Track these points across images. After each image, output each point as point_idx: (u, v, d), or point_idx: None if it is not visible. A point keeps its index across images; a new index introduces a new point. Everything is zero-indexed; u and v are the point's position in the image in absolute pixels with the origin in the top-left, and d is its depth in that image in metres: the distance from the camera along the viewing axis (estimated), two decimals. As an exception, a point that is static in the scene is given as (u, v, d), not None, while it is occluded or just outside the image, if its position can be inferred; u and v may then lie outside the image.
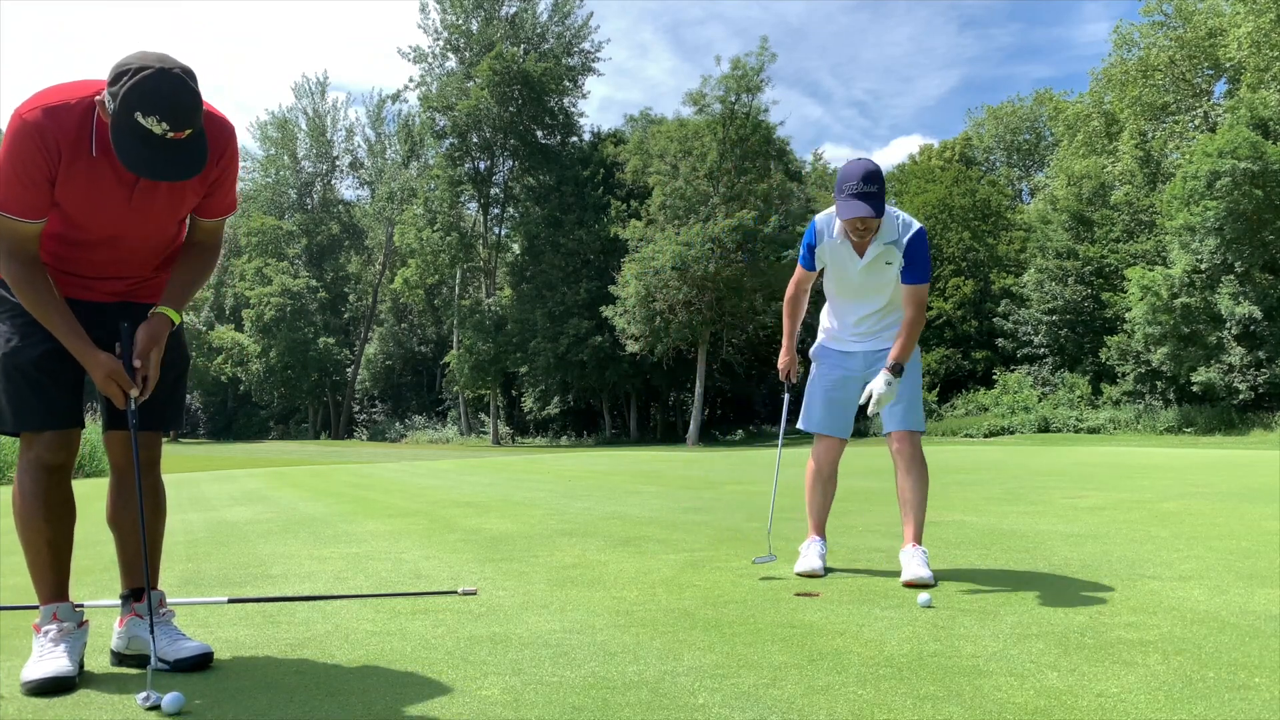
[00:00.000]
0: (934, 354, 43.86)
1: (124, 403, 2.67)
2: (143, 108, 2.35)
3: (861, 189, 3.93)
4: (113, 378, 2.63)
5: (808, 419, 4.46)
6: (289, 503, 9.21)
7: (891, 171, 55.87)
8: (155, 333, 2.70)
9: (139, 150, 2.41)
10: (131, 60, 2.41)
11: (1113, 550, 4.66)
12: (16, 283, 2.59)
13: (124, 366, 2.66)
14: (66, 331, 2.61)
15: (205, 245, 2.89)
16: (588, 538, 5.58)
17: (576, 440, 47.74)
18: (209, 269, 2.90)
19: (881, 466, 13.67)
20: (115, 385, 2.64)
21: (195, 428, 75.84)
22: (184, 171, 2.47)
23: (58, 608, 2.72)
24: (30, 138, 2.47)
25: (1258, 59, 31.36)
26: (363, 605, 3.66)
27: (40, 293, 2.59)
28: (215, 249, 2.92)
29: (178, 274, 2.83)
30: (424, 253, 50.06)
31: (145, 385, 2.68)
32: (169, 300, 2.77)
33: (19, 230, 2.55)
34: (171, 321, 2.75)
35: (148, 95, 2.35)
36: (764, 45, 39.94)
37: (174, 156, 2.43)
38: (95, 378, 2.65)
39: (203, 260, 2.88)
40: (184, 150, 2.44)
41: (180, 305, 2.78)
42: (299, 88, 71.43)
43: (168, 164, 2.44)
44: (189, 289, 2.83)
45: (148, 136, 2.38)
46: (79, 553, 3.07)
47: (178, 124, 2.39)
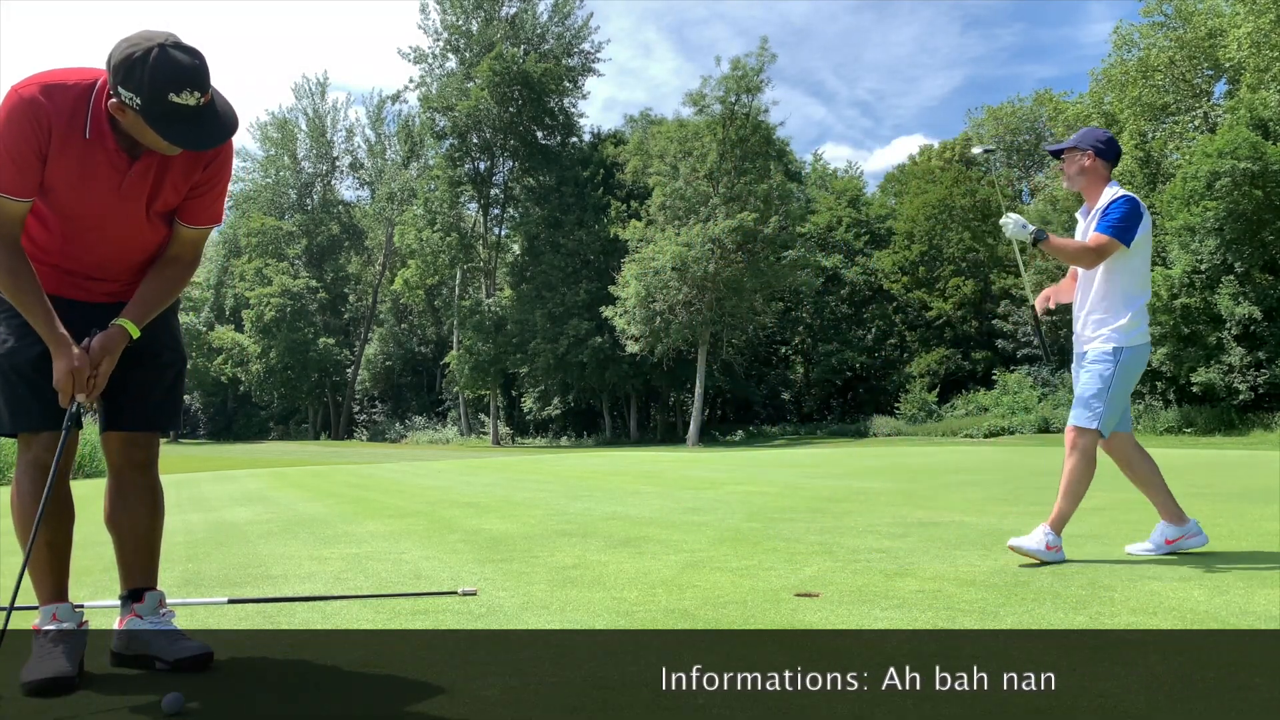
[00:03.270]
0: (934, 354, 43.87)
1: (68, 400, 2.61)
2: (174, 87, 2.37)
3: None
4: (72, 374, 2.58)
5: (1111, 423, 4.44)
6: (289, 503, 9.21)
7: (891, 172, 55.96)
8: (109, 344, 2.64)
9: (180, 128, 2.43)
10: (128, 50, 2.39)
11: (1113, 550, 4.66)
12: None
13: None
14: (43, 320, 2.58)
15: (181, 259, 2.83)
16: (588, 538, 5.58)
17: (576, 441, 47.74)
18: (179, 284, 2.84)
19: (881, 466, 13.69)
20: (70, 382, 2.58)
21: (195, 428, 75.85)
22: (226, 128, 2.51)
23: (57, 608, 2.72)
24: (24, 113, 2.46)
25: (1258, 59, 31.34)
26: (363, 605, 3.66)
27: (20, 278, 2.57)
28: (191, 264, 2.87)
29: (146, 286, 2.77)
30: (424, 253, 50.07)
31: (91, 391, 2.63)
32: (131, 313, 2.71)
33: (7, 209, 2.53)
34: (129, 335, 2.68)
35: (171, 73, 2.37)
36: (764, 45, 39.94)
37: (212, 119, 2.47)
38: (57, 369, 2.58)
39: (175, 273, 2.82)
40: (213, 113, 2.48)
41: (142, 320, 2.72)
42: (299, 88, 71.54)
43: (207, 131, 2.47)
44: (155, 303, 2.77)
45: (186, 111, 2.40)
46: (79, 553, 3.07)
47: (203, 87, 2.42)
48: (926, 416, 39.98)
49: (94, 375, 2.62)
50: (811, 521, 6.18)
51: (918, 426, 38.90)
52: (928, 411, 40.35)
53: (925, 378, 42.72)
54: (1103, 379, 4.36)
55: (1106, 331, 4.41)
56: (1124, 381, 4.37)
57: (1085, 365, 4.47)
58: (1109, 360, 4.37)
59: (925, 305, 45.54)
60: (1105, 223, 4.37)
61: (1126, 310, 4.39)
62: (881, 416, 42.19)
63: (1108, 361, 4.37)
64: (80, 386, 2.60)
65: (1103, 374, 4.36)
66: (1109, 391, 4.34)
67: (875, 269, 47.57)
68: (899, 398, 42.10)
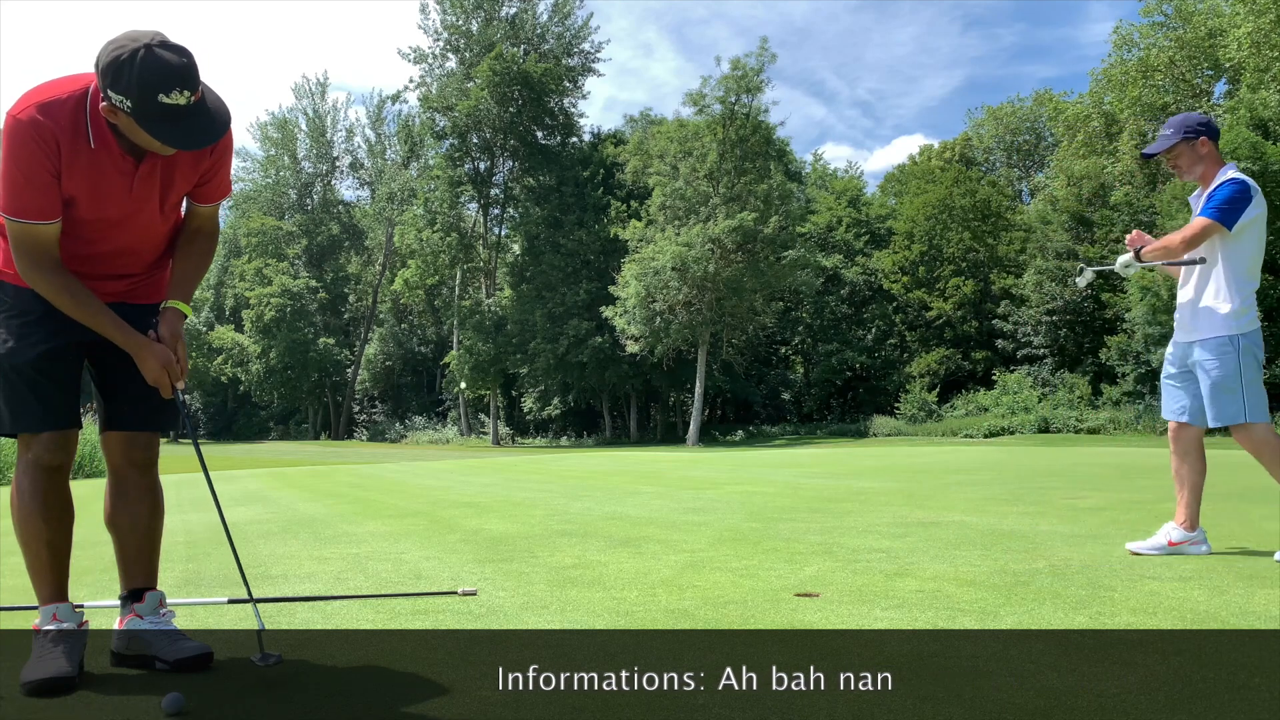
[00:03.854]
0: (934, 354, 43.86)
1: (170, 392, 2.72)
2: (163, 87, 2.36)
3: None
4: (167, 368, 2.67)
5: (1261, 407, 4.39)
6: (289, 503, 9.21)
7: (891, 172, 55.96)
8: (175, 328, 2.74)
9: (174, 128, 2.42)
10: (113, 53, 2.38)
11: (1113, 550, 4.66)
12: (55, 292, 2.59)
13: None
14: (115, 328, 2.64)
15: (204, 231, 2.90)
16: (588, 538, 5.57)
17: (576, 441, 47.76)
18: (209, 255, 2.93)
19: (881, 466, 13.70)
20: (166, 375, 2.68)
21: (195, 428, 75.76)
22: (218, 126, 2.49)
23: (57, 608, 2.71)
24: (29, 136, 2.45)
25: (1257, 59, 31.34)
26: (363, 605, 3.66)
27: (80, 297, 2.61)
28: (213, 235, 2.95)
29: (180, 264, 2.84)
30: (424, 253, 50.08)
31: (183, 375, 2.75)
32: (177, 293, 2.79)
33: (40, 235, 2.54)
34: (184, 315, 2.78)
35: (160, 74, 2.36)
36: (764, 46, 40.00)
37: (204, 117, 2.46)
38: (149, 368, 2.66)
39: (204, 246, 2.90)
40: (204, 110, 2.46)
41: (188, 296, 2.81)
42: (299, 88, 71.61)
43: (201, 128, 2.46)
44: (193, 278, 2.85)
45: (177, 110, 2.40)
46: (79, 553, 3.07)
47: (192, 86, 2.41)
48: (926, 416, 40.00)
49: (178, 360, 2.71)
50: (811, 521, 6.18)
51: (918, 426, 38.91)
52: (928, 411, 40.35)
53: (925, 378, 42.73)
54: (1232, 372, 4.33)
55: (1218, 321, 4.37)
56: (1252, 368, 4.34)
57: (1203, 365, 4.41)
58: (1229, 351, 4.34)
59: (925, 305, 45.55)
60: (1209, 206, 4.35)
61: (1236, 296, 4.34)
62: (881, 416, 42.21)
63: (1228, 353, 4.34)
64: (176, 376, 2.70)
65: (1227, 367, 4.34)
66: (1242, 380, 4.32)
67: (875, 269, 47.59)
68: (899, 398, 42.12)
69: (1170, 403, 4.63)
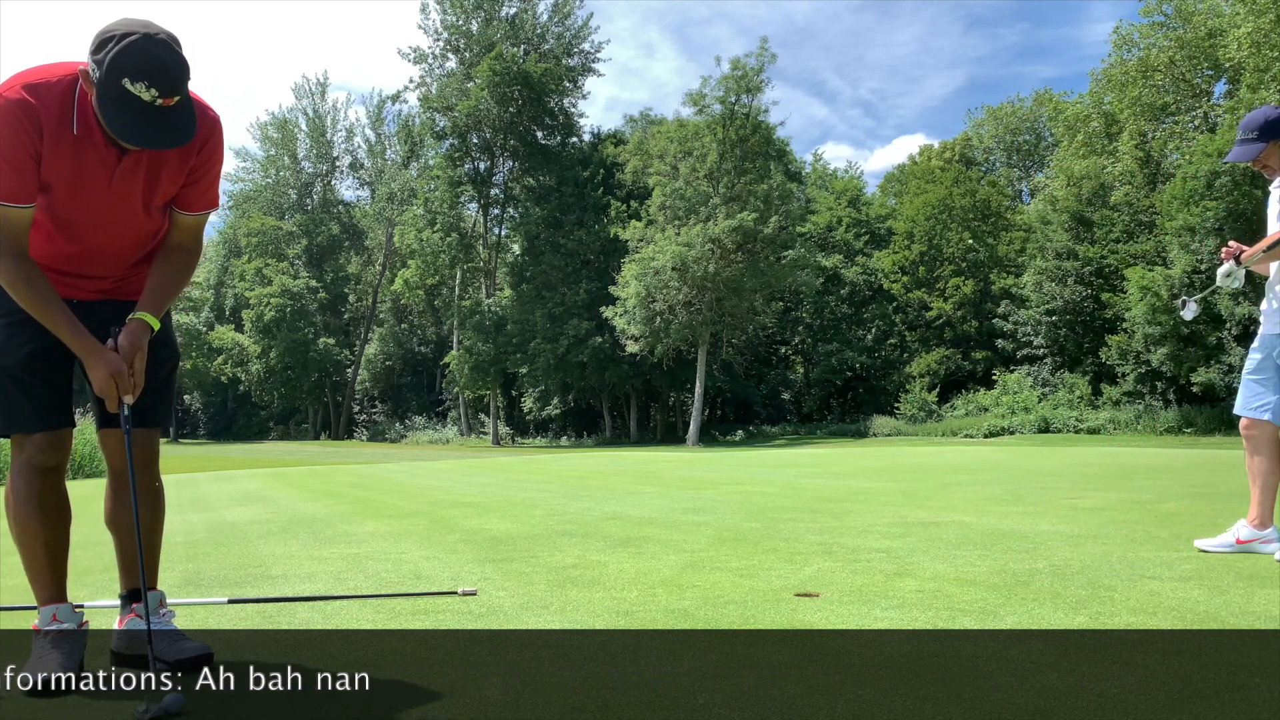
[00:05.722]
0: (934, 354, 43.87)
1: (116, 405, 2.61)
2: (131, 74, 2.31)
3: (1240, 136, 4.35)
4: (115, 378, 2.56)
5: None
6: (289, 503, 9.21)
7: (891, 172, 55.98)
8: (136, 340, 2.62)
9: (128, 118, 2.35)
10: (115, 27, 2.36)
11: (1113, 550, 4.66)
12: (13, 282, 2.51)
13: None
14: (70, 330, 2.54)
15: (185, 247, 2.80)
16: (588, 538, 5.57)
17: (576, 441, 47.76)
18: (188, 272, 2.81)
19: (881, 466, 13.69)
20: (115, 386, 2.57)
21: (195, 428, 75.86)
22: (174, 139, 2.42)
23: (57, 609, 2.71)
24: (14, 115, 2.41)
25: (1257, 59, 31.32)
26: (363, 605, 3.66)
27: (39, 290, 2.52)
28: (195, 251, 2.84)
29: (155, 276, 2.74)
30: (424, 253, 50.09)
31: (135, 390, 2.63)
32: (146, 305, 2.68)
33: (10, 218, 2.48)
34: (150, 328, 2.66)
35: (135, 61, 2.31)
36: (764, 46, 40.05)
37: (163, 123, 2.38)
38: (96, 376, 2.56)
39: (182, 262, 2.79)
40: (173, 117, 2.39)
41: (159, 310, 2.70)
42: (299, 88, 71.63)
43: (157, 132, 2.38)
44: (167, 292, 2.74)
45: (137, 103, 2.33)
46: (78, 553, 3.07)
47: (166, 90, 2.34)
48: (926, 416, 40.01)
49: (132, 373, 2.60)
50: (811, 521, 6.18)
51: (918, 426, 38.92)
52: (928, 411, 40.36)
53: (925, 378, 42.72)
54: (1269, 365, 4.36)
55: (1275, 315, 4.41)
56: None
57: (1267, 349, 4.43)
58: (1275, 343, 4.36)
59: (925, 305, 45.56)
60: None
61: None
62: (881, 416, 42.21)
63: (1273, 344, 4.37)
64: (125, 389, 2.59)
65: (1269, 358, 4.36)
66: None
67: (875, 269, 47.58)
68: (899, 398, 42.12)
69: (1251, 399, 4.53)
